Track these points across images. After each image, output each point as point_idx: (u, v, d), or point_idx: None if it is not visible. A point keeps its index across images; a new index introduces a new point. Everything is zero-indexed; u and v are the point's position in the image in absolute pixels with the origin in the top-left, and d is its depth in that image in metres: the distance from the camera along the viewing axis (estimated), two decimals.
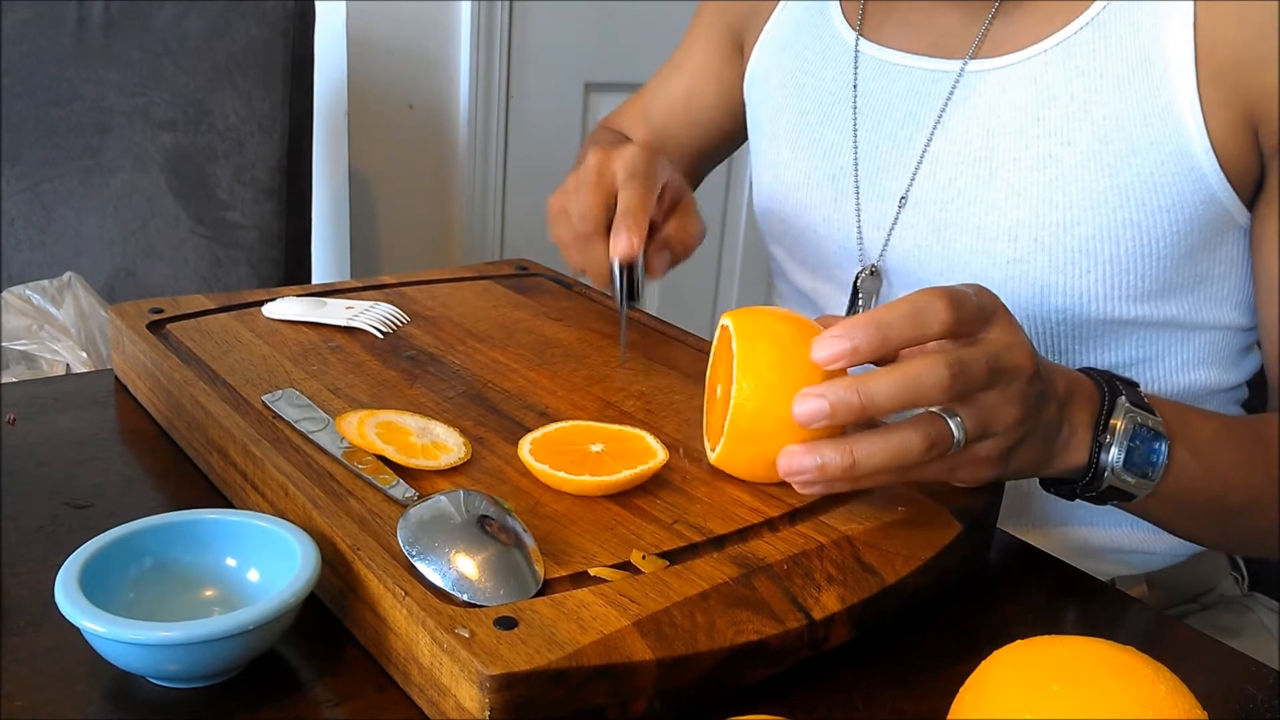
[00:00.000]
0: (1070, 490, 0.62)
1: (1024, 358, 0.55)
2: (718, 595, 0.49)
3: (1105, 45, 0.72)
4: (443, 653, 0.45)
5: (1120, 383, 0.61)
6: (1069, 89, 0.73)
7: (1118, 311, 0.74)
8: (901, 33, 0.82)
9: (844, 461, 0.51)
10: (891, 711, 0.50)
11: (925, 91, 0.79)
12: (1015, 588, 0.62)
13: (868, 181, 0.81)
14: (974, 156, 0.76)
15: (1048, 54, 0.74)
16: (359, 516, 0.53)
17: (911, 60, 0.80)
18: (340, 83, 1.70)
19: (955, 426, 0.53)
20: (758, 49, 0.93)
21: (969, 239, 0.76)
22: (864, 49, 0.83)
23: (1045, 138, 0.73)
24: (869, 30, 0.84)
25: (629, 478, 0.56)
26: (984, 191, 0.75)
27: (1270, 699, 0.54)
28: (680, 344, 0.79)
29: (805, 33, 0.89)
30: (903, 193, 0.79)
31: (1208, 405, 0.80)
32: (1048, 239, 0.73)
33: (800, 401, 0.52)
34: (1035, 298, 0.74)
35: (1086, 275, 0.73)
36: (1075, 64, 0.73)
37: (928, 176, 0.78)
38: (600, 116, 2.04)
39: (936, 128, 0.77)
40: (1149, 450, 0.60)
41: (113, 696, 0.47)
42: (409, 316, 0.79)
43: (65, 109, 1.39)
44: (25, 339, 1.04)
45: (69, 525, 0.59)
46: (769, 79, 0.91)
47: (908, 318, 0.51)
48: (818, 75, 0.86)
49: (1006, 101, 0.75)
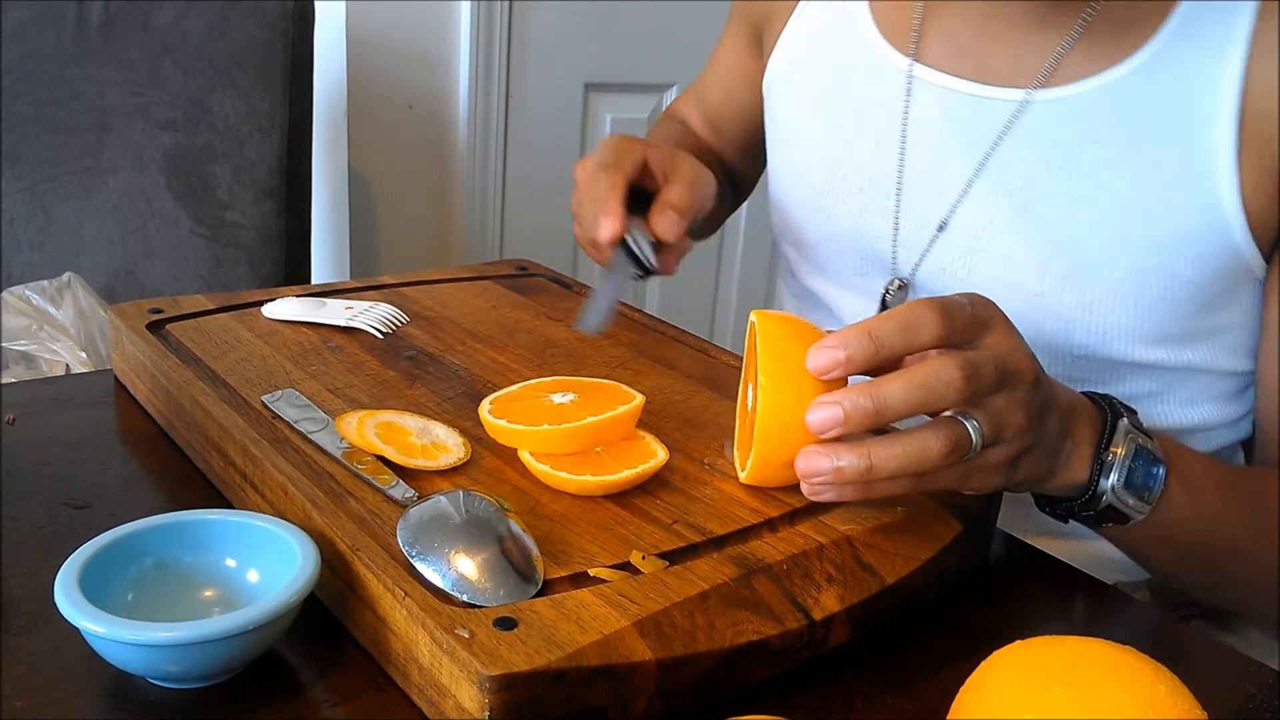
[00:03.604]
0: (1067, 509, 0.62)
1: (1026, 363, 0.55)
2: (717, 596, 0.49)
3: (1151, 94, 0.72)
4: (442, 653, 0.45)
5: (1120, 405, 0.61)
6: (1111, 133, 0.73)
7: (1137, 353, 0.74)
8: (958, 57, 0.80)
9: (861, 464, 0.51)
10: (891, 711, 0.50)
11: (980, 120, 0.78)
12: (1015, 588, 0.62)
13: (909, 205, 0.80)
14: (1011, 187, 0.76)
15: (1094, 93, 0.74)
16: (359, 517, 0.53)
17: (971, 88, 0.79)
18: (340, 82, 1.70)
19: (973, 430, 0.53)
20: (778, 49, 0.92)
21: (998, 268, 0.76)
22: (919, 73, 0.81)
23: (1083, 179, 0.73)
24: (924, 52, 0.82)
25: (629, 478, 0.56)
26: (1017, 223, 0.75)
27: (1270, 699, 0.54)
28: (680, 344, 0.79)
29: (833, 39, 0.87)
30: (944, 219, 0.78)
31: (1212, 437, 0.81)
32: (1076, 278, 0.73)
33: (815, 409, 0.52)
34: (1059, 331, 0.74)
35: (1110, 315, 0.73)
36: (1122, 109, 0.73)
37: (968, 203, 0.78)
38: (600, 116, 2.05)
39: (990, 157, 0.77)
40: (1148, 473, 0.60)
41: (112, 697, 0.47)
42: (409, 317, 0.79)
43: (65, 109, 1.39)
44: (25, 339, 1.04)
45: (68, 525, 0.59)
46: (791, 82, 0.90)
47: (899, 329, 0.52)
48: (848, 85, 0.85)
49: (1050, 136, 0.75)
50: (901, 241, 0.81)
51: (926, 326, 0.52)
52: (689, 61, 1.98)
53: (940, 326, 0.52)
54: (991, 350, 0.54)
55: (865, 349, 0.52)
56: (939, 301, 0.53)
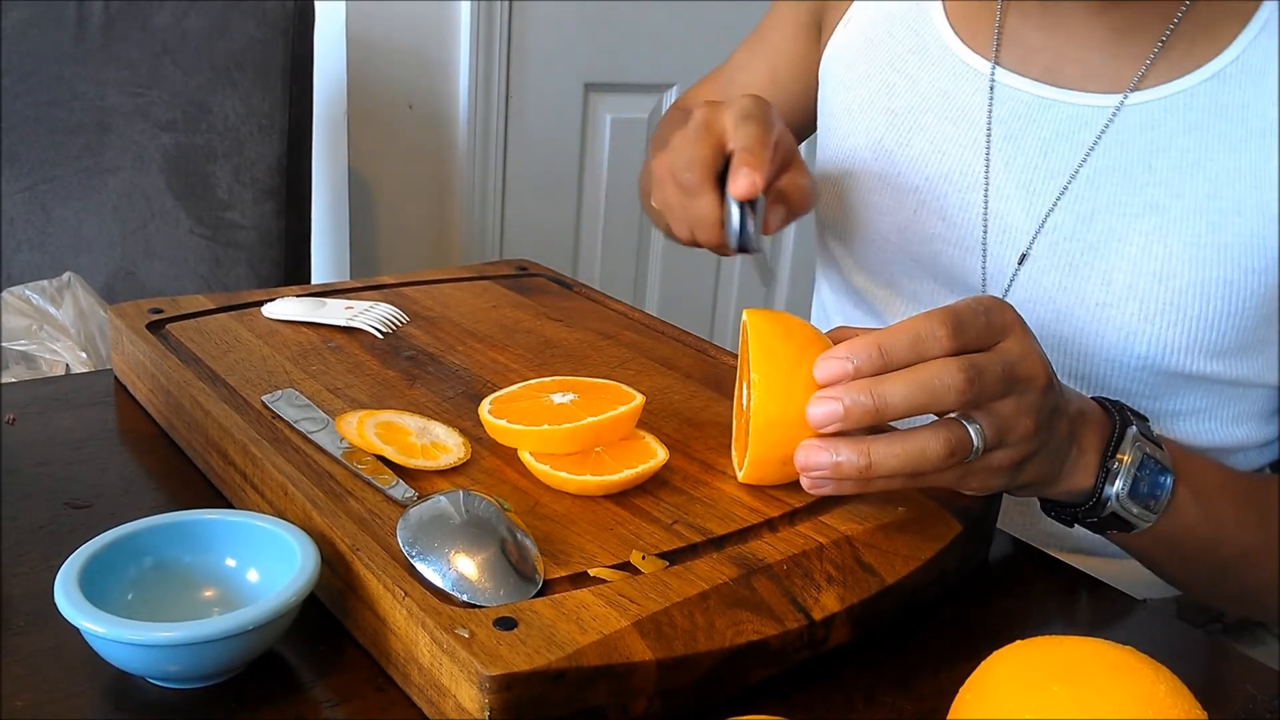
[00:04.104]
0: (1071, 515, 0.62)
1: (1038, 369, 0.55)
2: (717, 596, 0.49)
3: (1227, 100, 0.71)
4: (442, 653, 0.45)
5: (1131, 413, 0.61)
6: (1186, 140, 0.72)
7: (1196, 366, 0.73)
8: (1038, 63, 0.78)
9: (860, 462, 0.51)
10: (891, 711, 0.50)
11: (1065, 129, 0.76)
12: (1015, 588, 0.62)
13: (995, 212, 0.78)
14: (1076, 194, 0.75)
15: (1170, 100, 0.73)
16: (359, 517, 0.53)
17: (1056, 94, 0.77)
18: (340, 83, 1.70)
19: (974, 434, 0.53)
20: (840, 30, 0.89)
21: (1059, 276, 0.75)
22: (1000, 77, 0.79)
23: (1153, 186, 0.72)
24: (1004, 56, 0.80)
25: (629, 478, 0.56)
26: (1082, 231, 0.74)
27: (1270, 699, 0.54)
28: (680, 344, 0.79)
29: (898, 29, 0.85)
30: (1024, 250, 0.77)
31: (1252, 456, 0.80)
32: (1141, 287, 0.72)
33: (815, 403, 0.52)
34: (1119, 343, 0.73)
35: (1174, 328, 0.72)
36: (1194, 118, 0.72)
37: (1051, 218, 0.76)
38: (600, 116, 2.05)
39: (1081, 167, 0.75)
40: (1154, 483, 0.60)
41: (112, 697, 0.47)
42: (408, 317, 0.79)
43: (65, 109, 1.39)
44: (25, 339, 1.04)
45: (69, 525, 0.59)
46: (852, 68, 0.87)
47: (909, 343, 0.52)
48: (913, 78, 0.83)
49: (1119, 144, 0.74)
50: (989, 261, 0.78)
51: (937, 341, 0.52)
52: (689, 61, 1.98)
53: (951, 341, 0.52)
54: (1002, 355, 0.53)
55: (874, 362, 0.52)
56: (951, 313, 0.53)
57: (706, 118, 0.66)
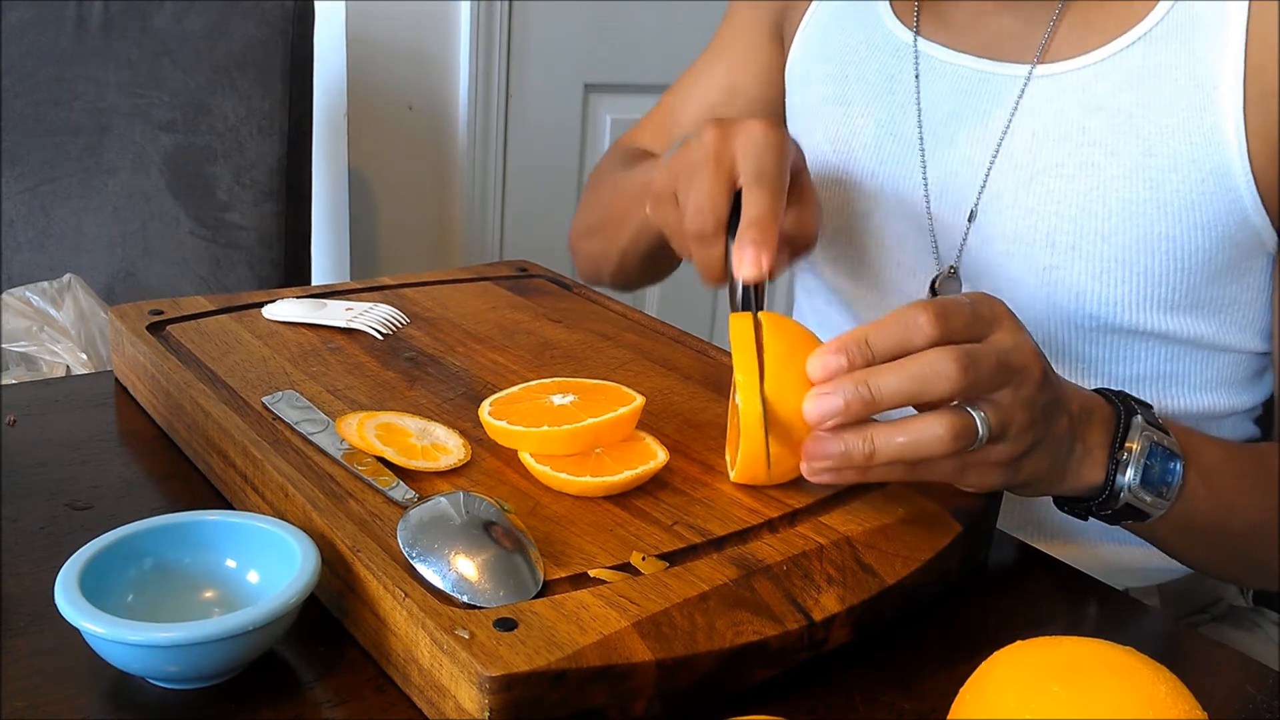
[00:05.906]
0: (1085, 509, 0.62)
1: (1032, 360, 0.55)
2: (717, 596, 0.49)
3: (1157, 61, 0.72)
4: (442, 654, 0.45)
5: (1135, 402, 0.61)
6: (1117, 101, 0.73)
7: (1148, 322, 0.74)
8: (959, 34, 0.80)
9: (864, 449, 0.52)
10: (891, 711, 0.50)
11: (989, 96, 0.78)
12: (1015, 588, 0.62)
13: (935, 188, 0.80)
14: (1016, 162, 0.76)
15: (1098, 65, 0.74)
16: (359, 518, 0.53)
17: (976, 63, 0.79)
18: (340, 83, 1.70)
19: (980, 421, 0.53)
20: (800, 33, 0.90)
21: (1006, 244, 0.76)
22: (923, 48, 0.81)
23: (1089, 146, 0.73)
24: (926, 29, 0.82)
25: (629, 479, 0.56)
26: (1023, 196, 0.75)
27: (1270, 699, 0.54)
28: (680, 345, 0.79)
29: (853, 24, 0.87)
30: (972, 207, 0.78)
31: (1227, 424, 0.81)
32: (1085, 247, 0.73)
33: (811, 400, 0.52)
34: (1070, 303, 0.74)
35: (1121, 285, 0.73)
36: (1125, 77, 0.73)
37: (989, 183, 0.77)
38: (600, 117, 2.05)
39: (1005, 135, 0.77)
40: (1165, 469, 0.60)
41: (113, 697, 0.47)
42: (408, 318, 0.79)
43: (65, 109, 1.39)
44: (25, 341, 1.04)
45: (69, 526, 0.59)
46: (811, 68, 0.89)
47: (896, 335, 0.53)
48: (861, 66, 0.84)
49: (1054, 109, 0.75)
50: (937, 226, 0.80)
51: (921, 331, 0.52)
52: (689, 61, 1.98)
53: (935, 330, 0.52)
54: (994, 345, 0.54)
55: (863, 355, 0.52)
56: (936, 304, 0.53)
57: (716, 150, 0.62)
